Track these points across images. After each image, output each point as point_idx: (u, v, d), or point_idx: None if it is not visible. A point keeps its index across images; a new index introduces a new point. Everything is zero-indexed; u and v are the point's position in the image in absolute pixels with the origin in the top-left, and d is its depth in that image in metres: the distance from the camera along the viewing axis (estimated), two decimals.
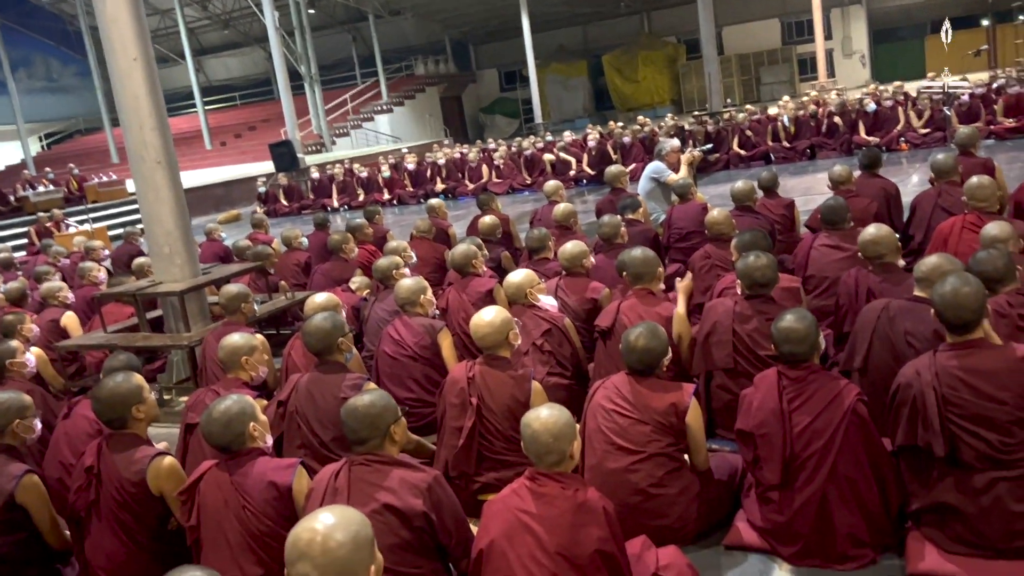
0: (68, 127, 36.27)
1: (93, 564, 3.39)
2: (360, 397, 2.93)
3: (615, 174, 8.09)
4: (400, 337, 4.86)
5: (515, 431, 3.73)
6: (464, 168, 17.31)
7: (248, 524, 3.02)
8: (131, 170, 6.03)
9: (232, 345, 4.23)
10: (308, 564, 1.90)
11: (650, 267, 4.53)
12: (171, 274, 6.02)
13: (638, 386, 3.48)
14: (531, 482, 2.76)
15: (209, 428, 3.13)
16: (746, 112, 15.98)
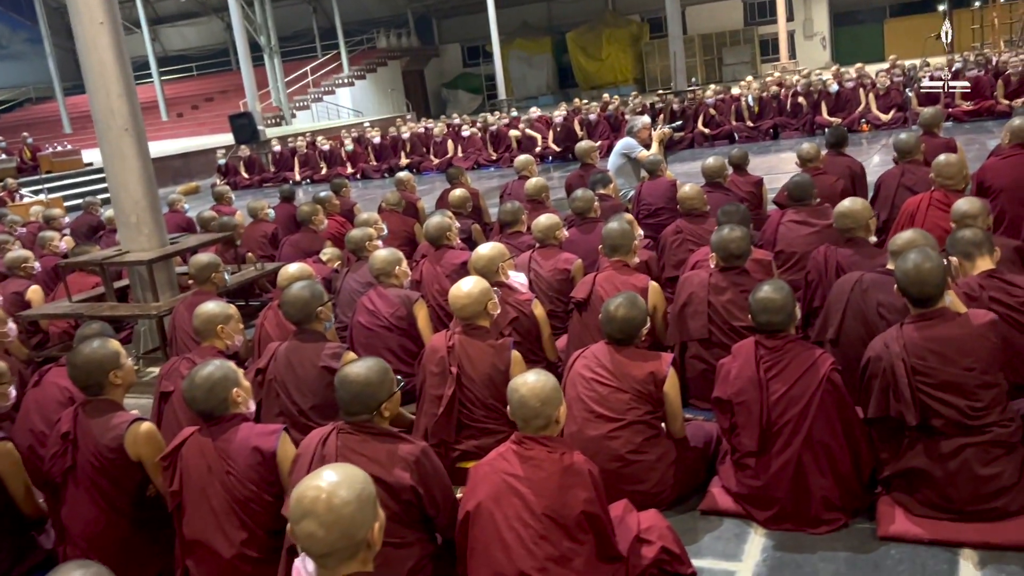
0: (18, 96, 35.22)
1: (71, 531, 3.36)
2: (356, 369, 2.90)
3: (585, 149, 8.12)
4: (375, 308, 4.85)
5: (495, 399, 3.78)
6: (429, 143, 17.21)
7: (232, 489, 3.02)
8: (97, 138, 5.91)
9: (208, 313, 4.19)
10: (313, 522, 1.91)
11: (626, 239, 4.58)
12: (138, 243, 5.94)
13: (617, 355, 3.53)
14: (518, 446, 2.80)
15: (192, 393, 3.11)
16: (711, 91, 16.08)
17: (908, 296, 3.22)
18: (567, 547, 2.67)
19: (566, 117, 15.89)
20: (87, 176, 18.42)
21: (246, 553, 3.00)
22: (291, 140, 18.88)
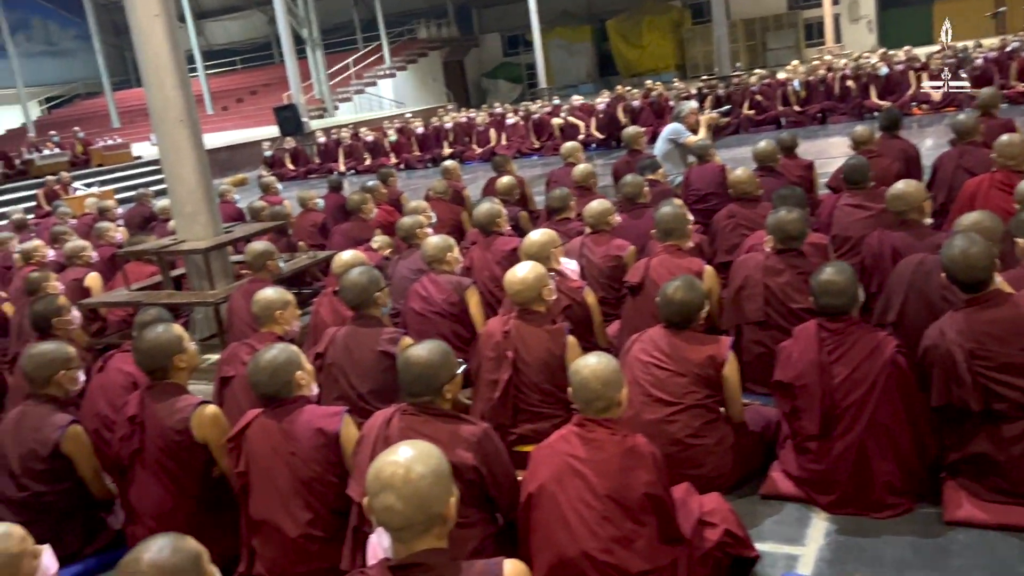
0: (68, 91, 35.94)
1: (139, 511, 3.44)
2: (418, 351, 2.93)
3: (632, 135, 8.08)
4: (428, 294, 4.88)
5: (550, 384, 3.79)
6: (472, 132, 17.23)
7: (297, 470, 3.07)
8: (153, 129, 6.02)
9: (267, 299, 4.25)
10: (392, 495, 1.94)
11: (680, 223, 4.55)
12: (194, 232, 6.04)
13: (675, 339, 3.51)
14: (579, 428, 2.80)
15: (256, 377, 3.16)
16: (757, 76, 15.87)
17: (957, 282, 3.19)
18: (630, 528, 2.67)
19: (609, 104, 15.81)
20: (136, 169, 18.77)
21: (311, 533, 3.05)
22: (334, 132, 19.03)
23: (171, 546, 1.96)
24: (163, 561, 1.90)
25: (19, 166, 18.20)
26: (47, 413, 3.60)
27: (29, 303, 5.79)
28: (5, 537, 2.23)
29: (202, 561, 2.01)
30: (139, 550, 1.95)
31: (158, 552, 1.92)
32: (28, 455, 3.53)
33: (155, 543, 1.96)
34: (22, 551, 2.24)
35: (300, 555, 3.06)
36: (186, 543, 2.02)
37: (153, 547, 1.95)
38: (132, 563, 1.92)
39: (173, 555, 1.93)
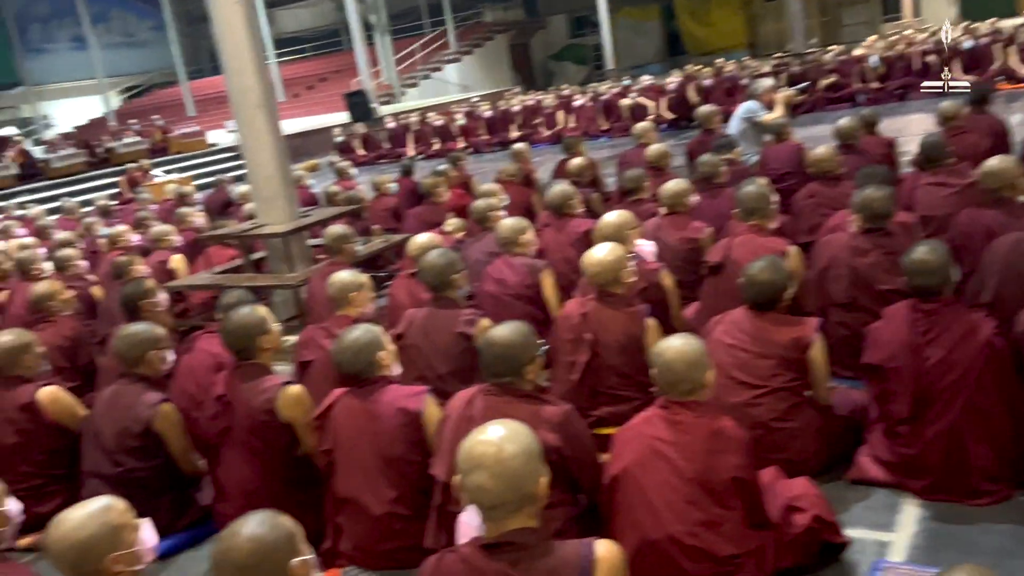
0: (145, 81, 36.93)
1: (227, 489, 3.53)
2: (500, 332, 2.94)
3: (707, 114, 7.93)
4: (503, 277, 4.88)
5: (629, 367, 3.76)
6: (540, 115, 17.16)
7: (381, 448, 3.11)
8: (233, 114, 6.14)
9: (341, 281, 4.30)
10: (484, 473, 1.94)
11: (763, 202, 4.44)
12: (273, 216, 6.14)
13: (759, 321, 3.44)
14: (664, 410, 2.77)
15: (341, 357, 3.21)
16: (832, 53, 15.42)
17: None
18: (717, 512, 2.63)
19: (679, 84, 15.56)
20: (212, 156, 19.23)
21: (396, 511, 3.10)
22: (403, 117, 19.17)
23: (268, 523, 2.01)
24: (261, 536, 1.95)
25: (101, 154, 18.82)
26: (139, 392, 3.72)
27: (117, 286, 6.00)
28: (107, 509, 2.30)
29: (296, 539, 2.05)
30: (237, 526, 1.99)
31: (256, 527, 1.97)
32: (122, 432, 3.65)
33: (253, 519, 2.01)
34: (123, 523, 2.31)
35: (385, 532, 3.11)
36: (282, 520, 2.07)
37: (251, 523, 1.99)
38: (230, 538, 1.96)
39: (270, 531, 1.97)
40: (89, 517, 2.26)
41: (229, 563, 1.97)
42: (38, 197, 15.71)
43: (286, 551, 2.02)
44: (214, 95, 30.80)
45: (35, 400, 3.92)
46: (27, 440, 3.95)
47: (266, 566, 1.97)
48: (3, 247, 8.44)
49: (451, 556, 2.01)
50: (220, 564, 1.99)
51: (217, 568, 2.00)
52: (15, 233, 9.34)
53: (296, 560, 2.03)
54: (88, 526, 2.24)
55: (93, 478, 3.71)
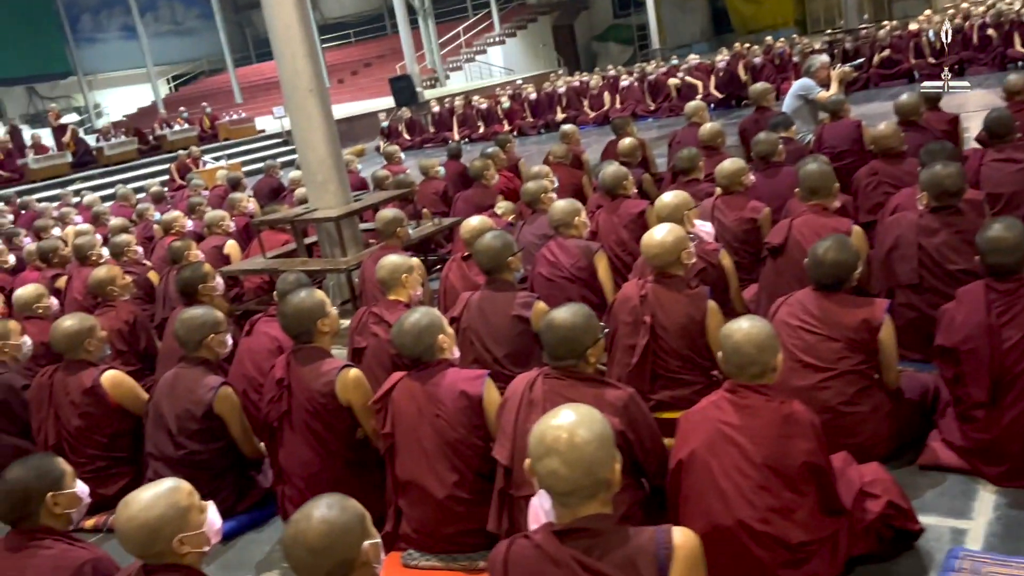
0: (193, 69, 37.40)
1: (288, 472, 3.55)
2: (562, 315, 2.89)
3: (761, 92, 7.76)
4: (556, 259, 4.83)
5: (690, 350, 3.69)
6: (585, 96, 17.01)
7: (442, 432, 3.10)
8: (284, 99, 6.16)
9: (392, 264, 4.28)
10: (556, 459, 1.90)
11: (827, 181, 4.31)
12: (325, 201, 6.16)
13: (826, 302, 3.35)
14: (732, 394, 2.70)
15: (401, 340, 3.20)
16: (887, 28, 15.02)
17: None
18: (789, 498, 2.57)
19: (729, 62, 15.30)
20: (260, 142, 19.42)
21: (457, 494, 3.08)
22: (447, 100, 19.14)
23: (339, 505, 2.00)
24: (332, 519, 1.94)
25: (152, 142, 19.12)
26: (200, 375, 3.75)
27: (172, 271, 6.08)
28: (174, 491, 2.31)
29: (366, 521, 2.05)
30: (308, 509, 1.99)
31: (327, 510, 1.96)
32: (183, 415, 3.69)
33: (323, 502, 2.00)
34: (190, 505, 2.33)
35: (447, 516, 3.09)
36: (352, 503, 2.06)
37: (321, 506, 1.99)
38: (302, 521, 1.96)
39: (341, 514, 1.97)
40: (156, 498, 2.28)
41: (301, 546, 1.96)
42: (92, 184, 16.03)
43: (358, 533, 2.01)
44: (261, 82, 31.13)
45: (98, 384, 3.99)
46: (91, 423, 4.02)
47: (338, 548, 1.96)
48: (61, 233, 8.61)
49: (523, 541, 1.98)
50: (292, 547, 1.98)
51: (289, 551, 2.00)
52: (73, 220, 9.52)
53: (367, 542, 2.02)
54: (156, 507, 2.25)
55: (156, 460, 3.76)
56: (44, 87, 31.66)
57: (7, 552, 2.58)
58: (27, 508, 2.58)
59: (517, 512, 2.90)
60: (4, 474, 2.61)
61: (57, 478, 2.65)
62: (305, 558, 1.98)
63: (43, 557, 2.54)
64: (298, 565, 2.00)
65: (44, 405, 4.08)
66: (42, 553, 2.55)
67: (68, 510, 2.67)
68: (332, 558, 1.97)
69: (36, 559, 2.54)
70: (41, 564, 2.53)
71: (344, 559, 1.98)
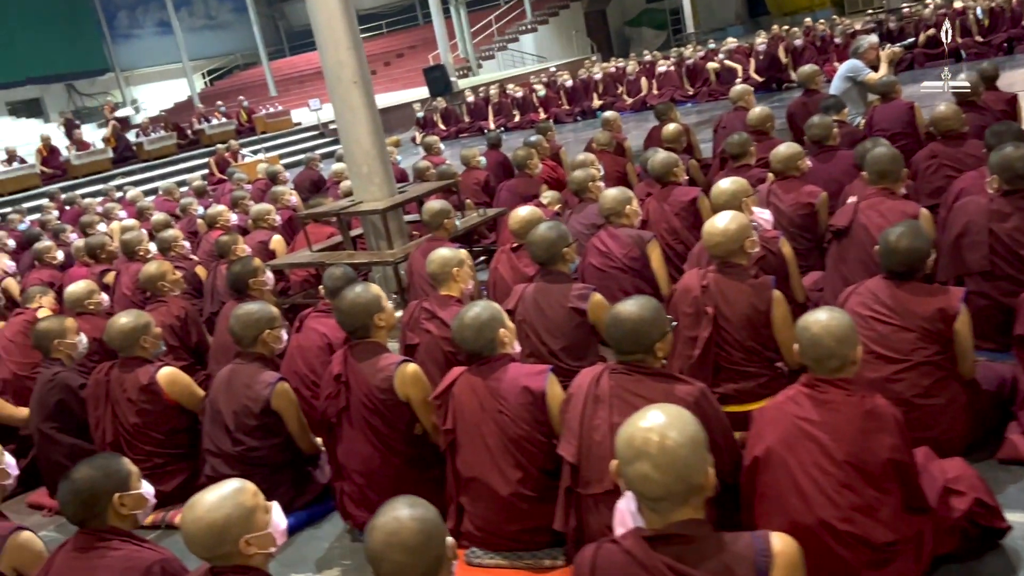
0: (227, 63, 37.63)
1: (347, 468, 3.51)
2: (629, 308, 2.81)
3: (809, 74, 7.58)
4: (608, 249, 4.74)
5: (754, 341, 3.59)
6: (622, 82, 16.82)
7: (505, 428, 3.04)
8: (328, 91, 6.12)
9: (442, 258, 4.22)
10: (647, 463, 1.83)
11: (896, 165, 4.15)
12: (370, 193, 6.12)
13: (899, 291, 3.23)
14: (810, 388, 2.61)
15: (462, 335, 3.14)
16: (931, 6, 14.65)
17: None
18: (872, 496, 2.47)
19: (768, 45, 15.02)
20: (297, 135, 19.49)
21: (522, 492, 3.02)
22: (482, 90, 19.06)
23: (419, 504, 1.96)
24: (422, 516, 1.91)
25: (191, 136, 19.26)
26: (256, 371, 3.72)
27: (219, 265, 6.08)
28: (240, 491, 2.28)
29: (441, 521, 1.99)
30: (391, 512, 1.94)
31: (413, 509, 1.92)
32: (241, 411, 3.67)
33: (400, 503, 1.96)
34: (255, 505, 2.29)
35: (511, 513, 3.04)
36: (424, 501, 2.01)
37: (402, 506, 1.94)
38: (392, 523, 1.91)
39: (427, 511, 1.94)
40: (222, 499, 2.25)
41: (397, 549, 1.89)
42: (133, 180, 16.20)
43: (443, 529, 1.98)
44: (294, 75, 31.26)
45: (155, 381, 3.98)
46: (147, 420, 4.03)
47: (433, 545, 1.92)
48: (107, 229, 8.68)
49: (611, 546, 1.91)
50: (386, 551, 1.90)
51: (383, 557, 1.91)
52: (117, 215, 9.59)
53: (450, 539, 1.98)
54: (222, 508, 2.23)
55: (214, 457, 3.75)
56: (83, 84, 32.06)
57: (76, 553, 2.56)
58: (94, 508, 2.56)
59: (585, 511, 2.84)
60: (71, 474, 2.59)
61: (124, 478, 2.62)
62: (403, 560, 1.91)
63: (112, 558, 2.52)
64: (394, 569, 1.92)
65: (101, 402, 4.09)
66: (111, 554, 2.53)
67: (134, 511, 2.65)
68: (428, 555, 1.92)
69: (105, 560, 2.52)
70: (110, 565, 2.51)
71: (438, 555, 1.94)
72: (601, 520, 2.79)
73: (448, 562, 1.98)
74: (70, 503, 2.57)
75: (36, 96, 30.56)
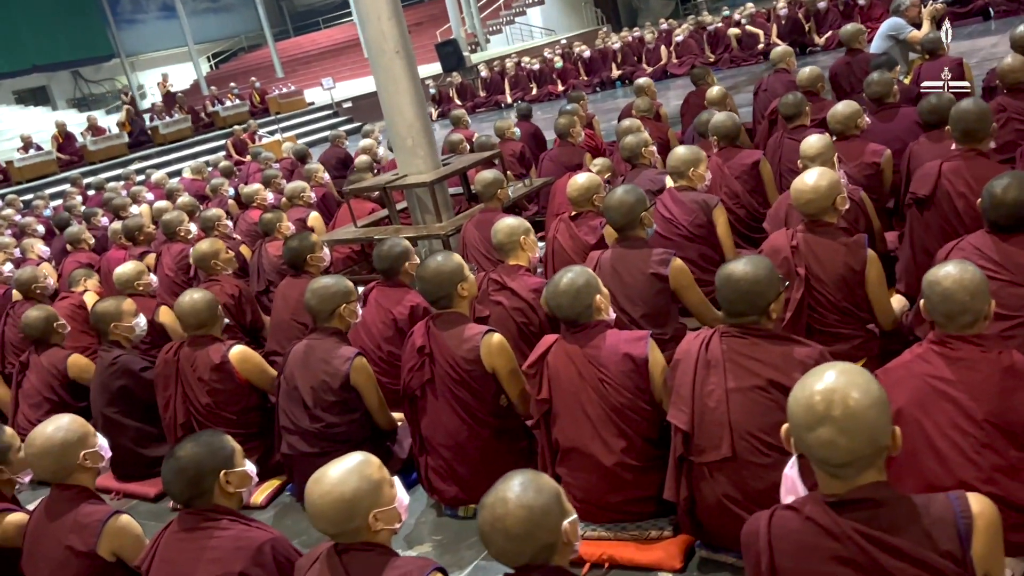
0: (232, 46, 37.32)
1: (432, 441, 3.43)
2: (742, 268, 2.71)
3: (852, 33, 7.38)
4: (672, 216, 4.62)
5: (848, 302, 3.48)
6: (641, 51, 16.58)
7: (607, 396, 2.94)
8: (370, 62, 5.98)
9: (509, 227, 4.12)
10: (831, 428, 1.71)
11: (984, 122, 3.95)
12: (415, 166, 5.99)
13: (1006, 245, 3.10)
14: (940, 346, 2.49)
15: (557, 301, 3.04)
16: None
17: None
18: (1015, 456, 2.35)
19: (790, 8, 14.77)
20: (311, 115, 19.32)
21: (626, 461, 2.93)
22: (496, 63, 18.84)
23: (534, 485, 1.90)
24: (530, 502, 1.86)
25: (205, 119, 19.11)
26: (333, 346, 3.63)
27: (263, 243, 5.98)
28: (365, 464, 2.20)
29: (562, 498, 1.95)
30: (502, 492, 1.90)
31: (523, 492, 1.88)
32: (320, 387, 3.58)
33: (515, 482, 1.91)
34: (382, 478, 2.21)
35: (614, 483, 2.95)
36: (546, 480, 1.95)
37: (515, 486, 1.89)
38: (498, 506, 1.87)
39: (538, 495, 1.89)
40: (348, 472, 2.16)
41: (500, 533, 1.86)
42: (149, 164, 16.08)
43: (557, 514, 1.91)
44: (300, 55, 31.00)
45: (227, 360, 3.90)
46: (219, 400, 3.96)
47: (540, 534, 1.87)
48: (138, 211, 8.57)
49: (788, 513, 1.80)
50: (490, 534, 1.88)
51: (488, 538, 1.90)
52: (145, 198, 9.49)
53: (567, 521, 1.91)
54: (349, 481, 2.14)
55: (291, 434, 3.66)
56: (88, 71, 31.87)
57: (183, 534, 2.48)
58: (200, 486, 2.48)
59: (698, 479, 2.75)
60: (174, 452, 2.51)
61: (229, 455, 2.54)
62: (505, 546, 1.88)
63: (221, 538, 2.44)
64: (498, 553, 1.90)
65: (172, 383, 4.01)
66: (220, 534, 2.45)
67: (239, 489, 2.56)
68: (534, 544, 1.87)
69: (214, 540, 2.44)
70: (220, 545, 2.43)
71: (546, 543, 1.88)
72: (716, 488, 2.71)
73: (564, 548, 1.92)
74: (175, 481, 2.49)
75: (42, 84, 30.43)
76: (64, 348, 4.77)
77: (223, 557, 2.39)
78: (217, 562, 2.39)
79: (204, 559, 2.40)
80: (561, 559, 1.91)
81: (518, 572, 1.89)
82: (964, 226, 3.87)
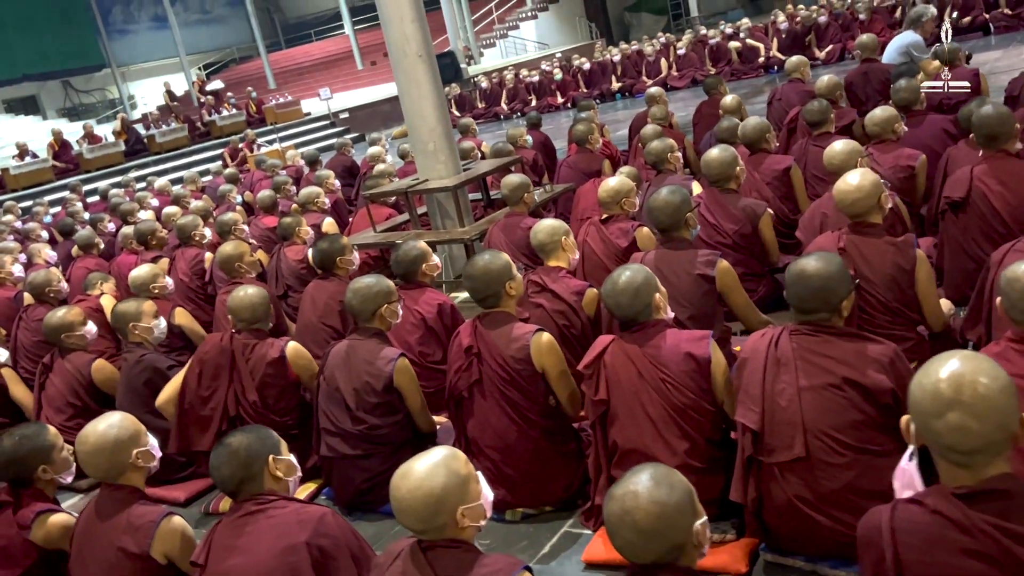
0: (223, 57, 37.23)
1: (479, 443, 3.36)
2: (814, 264, 2.67)
3: (867, 44, 7.42)
4: (717, 223, 4.57)
5: (899, 302, 3.44)
6: (641, 64, 16.63)
7: (668, 396, 2.88)
8: (392, 66, 5.94)
9: (549, 227, 4.10)
10: (962, 412, 1.66)
11: (1007, 125, 3.98)
12: (436, 171, 5.94)
13: None
14: (1019, 344, 2.45)
15: (616, 299, 2.99)
16: None
17: None
18: None
19: (790, 23, 14.87)
20: (307, 124, 19.26)
21: (690, 463, 2.86)
22: (495, 75, 18.85)
23: (667, 482, 1.86)
24: (663, 499, 1.82)
25: (201, 128, 19.00)
26: (376, 347, 3.56)
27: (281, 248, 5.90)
28: (452, 458, 2.13)
29: (694, 498, 1.90)
30: (633, 485, 1.85)
31: (656, 488, 1.83)
32: (362, 388, 3.51)
33: (646, 475, 1.86)
34: (468, 474, 2.15)
35: None
36: (679, 478, 1.90)
37: (647, 480, 1.84)
38: (629, 499, 1.83)
39: (671, 492, 1.84)
40: (435, 467, 2.09)
41: (629, 527, 1.82)
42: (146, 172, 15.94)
43: (689, 514, 1.86)
44: (292, 67, 30.97)
45: (284, 355, 3.83)
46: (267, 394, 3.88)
47: (670, 533, 1.81)
48: (145, 216, 8.47)
49: (912, 507, 1.75)
50: (619, 527, 1.84)
51: (615, 530, 1.85)
52: (150, 204, 9.39)
53: (698, 523, 1.84)
54: (437, 476, 2.07)
55: (332, 436, 3.59)
56: (79, 80, 31.70)
57: (240, 519, 2.44)
58: (251, 469, 2.45)
59: (768, 479, 2.69)
60: (225, 440, 2.50)
61: (276, 443, 2.54)
62: (633, 540, 1.83)
63: (281, 514, 2.42)
64: (624, 546, 1.85)
65: (224, 372, 3.88)
66: (277, 512, 2.43)
67: (287, 477, 2.52)
68: (664, 542, 1.82)
69: (274, 517, 2.42)
70: (282, 520, 2.40)
71: (676, 543, 1.83)
72: (787, 489, 2.65)
73: (693, 550, 1.86)
74: (226, 464, 2.45)
75: (32, 93, 30.23)
76: (88, 352, 4.66)
77: (286, 532, 2.37)
78: (281, 537, 2.36)
79: (267, 535, 2.37)
80: (689, 560, 1.85)
81: (644, 569, 1.83)
82: (1004, 224, 3.88)
